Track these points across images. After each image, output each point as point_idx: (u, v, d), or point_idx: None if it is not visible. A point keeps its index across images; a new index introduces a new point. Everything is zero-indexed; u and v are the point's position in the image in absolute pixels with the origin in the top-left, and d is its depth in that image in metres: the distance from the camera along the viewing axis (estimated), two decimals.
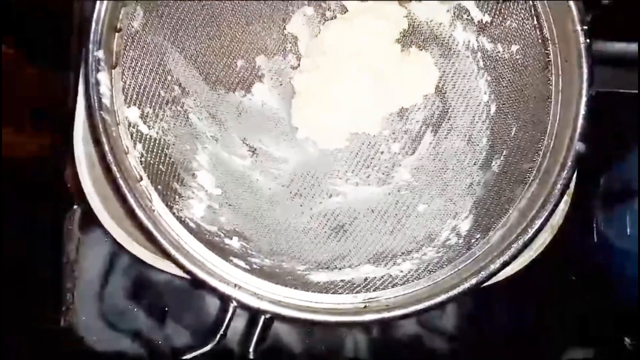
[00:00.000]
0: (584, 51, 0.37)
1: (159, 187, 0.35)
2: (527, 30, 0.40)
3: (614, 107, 0.47)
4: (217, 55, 0.43)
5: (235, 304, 0.33)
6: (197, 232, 0.36)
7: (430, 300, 0.36)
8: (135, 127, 0.35)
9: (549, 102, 0.38)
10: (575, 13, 0.37)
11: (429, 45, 0.45)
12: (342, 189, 0.45)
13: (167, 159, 0.38)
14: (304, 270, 0.38)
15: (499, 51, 0.42)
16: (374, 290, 0.37)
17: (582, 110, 0.36)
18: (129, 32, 0.35)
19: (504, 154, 0.41)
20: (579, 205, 0.38)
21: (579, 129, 0.36)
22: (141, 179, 0.34)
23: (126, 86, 0.35)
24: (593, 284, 0.44)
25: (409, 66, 0.45)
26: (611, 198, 0.40)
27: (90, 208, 0.37)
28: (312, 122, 0.45)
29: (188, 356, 0.33)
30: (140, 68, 0.36)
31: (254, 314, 0.34)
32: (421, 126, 0.46)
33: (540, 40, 0.39)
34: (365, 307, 0.36)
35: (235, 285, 0.33)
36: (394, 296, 0.37)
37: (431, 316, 0.51)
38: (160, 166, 0.37)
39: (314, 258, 0.40)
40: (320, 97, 0.44)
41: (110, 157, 0.32)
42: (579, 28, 0.37)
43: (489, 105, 0.43)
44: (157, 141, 0.37)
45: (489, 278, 0.36)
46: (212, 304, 0.49)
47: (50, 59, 0.48)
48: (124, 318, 0.48)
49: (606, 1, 0.37)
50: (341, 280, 0.38)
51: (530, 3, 0.39)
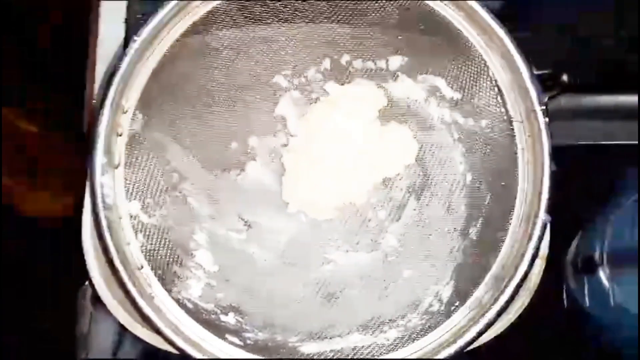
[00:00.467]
0: (544, 129, 0.40)
1: (159, 272, 0.39)
2: (493, 107, 0.43)
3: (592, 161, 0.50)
4: (213, 141, 0.47)
5: None
6: (195, 312, 0.39)
7: None
8: (137, 219, 0.39)
9: (516, 175, 0.41)
10: (533, 94, 0.40)
11: (407, 120, 0.49)
12: (334, 257, 0.48)
13: (167, 243, 0.41)
14: (296, 342, 0.41)
15: (471, 125, 0.45)
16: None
17: (546, 185, 0.39)
18: (130, 134, 0.39)
19: (480, 221, 0.44)
20: (552, 269, 0.41)
21: (543, 202, 0.39)
22: (142, 267, 0.38)
23: (128, 182, 0.39)
24: (569, 346, 0.45)
25: (390, 140, 0.49)
26: (578, 266, 0.42)
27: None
28: (302, 197, 0.48)
29: None
30: (141, 164, 0.40)
31: None
32: (405, 194, 0.49)
33: (505, 117, 0.42)
34: None
35: None
36: None
37: None
38: (161, 251, 0.40)
39: (307, 328, 0.43)
40: (308, 174, 0.48)
41: (112, 251, 0.35)
42: (537, 108, 0.40)
43: (465, 175, 0.46)
44: (158, 228, 0.41)
45: (469, 345, 0.39)
46: None
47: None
48: None
49: (565, 79, 0.41)
50: (331, 351, 0.41)
51: (494, 83, 0.42)
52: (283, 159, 0.49)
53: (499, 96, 0.42)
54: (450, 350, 0.39)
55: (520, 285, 0.39)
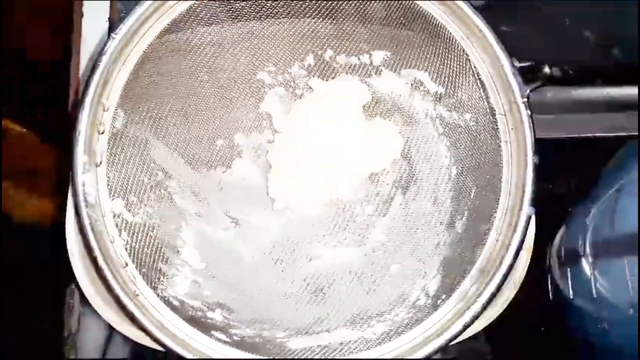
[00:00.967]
0: (526, 121, 0.40)
1: (144, 270, 0.38)
2: (476, 100, 0.43)
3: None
4: (198, 138, 0.47)
5: None
6: (181, 310, 0.39)
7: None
8: (120, 217, 0.39)
9: (500, 168, 0.41)
10: (515, 87, 0.40)
11: (392, 115, 0.49)
12: (321, 252, 0.48)
13: (152, 240, 0.41)
14: (283, 337, 0.41)
15: (455, 119, 0.46)
16: (349, 354, 0.40)
17: (529, 177, 0.39)
18: (111, 132, 0.39)
19: (465, 215, 0.44)
20: (537, 261, 0.41)
21: (527, 195, 0.39)
22: (126, 264, 0.37)
23: (111, 181, 0.39)
24: (555, 337, 0.45)
25: (375, 135, 0.49)
26: (562, 258, 0.42)
27: None
28: (288, 193, 0.48)
29: None
30: (124, 162, 0.40)
31: None
32: (391, 188, 0.49)
33: (488, 110, 0.42)
34: None
35: None
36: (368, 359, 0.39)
37: None
38: (146, 249, 0.40)
39: (294, 324, 0.43)
40: (295, 170, 0.48)
41: (96, 249, 0.35)
42: (519, 100, 0.40)
43: (450, 169, 0.46)
44: (142, 226, 0.41)
45: (455, 338, 0.39)
46: None
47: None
48: None
49: (547, 71, 0.41)
50: (318, 346, 0.41)
51: (476, 77, 0.42)
52: (269, 155, 0.49)
53: (481, 89, 0.42)
54: (437, 343, 0.39)
55: (505, 277, 0.39)
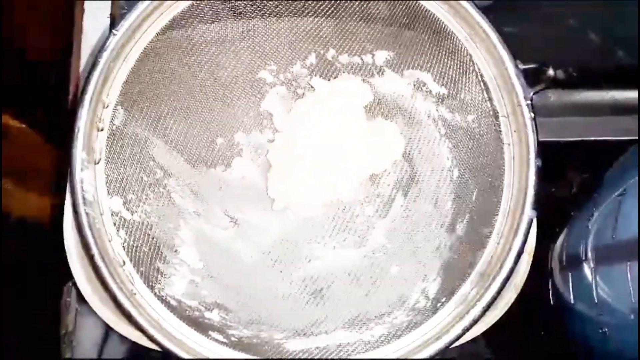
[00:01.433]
0: (529, 124, 0.39)
1: (142, 269, 0.38)
2: (479, 102, 0.43)
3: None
4: (197, 137, 0.47)
5: None
6: (178, 309, 0.38)
7: None
8: (119, 215, 0.39)
9: (503, 170, 0.41)
10: (518, 89, 0.40)
11: (393, 116, 0.48)
12: (321, 254, 0.48)
13: (151, 239, 0.41)
14: (281, 339, 0.41)
15: (457, 120, 0.45)
16: (347, 356, 0.39)
17: (532, 180, 0.39)
18: (111, 129, 0.39)
19: (466, 217, 0.44)
20: (539, 266, 0.40)
21: (529, 198, 0.39)
22: (124, 263, 0.37)
23: (109, 179, 0.38)
24: (555, 342, 0.45)
25: (376, 135, 0.48)
26: (563, 262, 0.42)
27: None
28: (288, 193, 0.48)
29: None
30: (123, 160, 0.40)
31: None
32: (392, 189, 0.49)
33: (491, 112, 0.42)
34: None
35: None
36: None
37: None
38: (144, 248, 0.40)
39: (292, 325, 0.42)
40: (295, 170, 0.48)
41: (93, 247, 0.35)
42: (523, 103, 0.40)
43: (452, 170, 0.46)
44: (140, 224, 0.40)
45: (454, 341, 0.38)
46: None
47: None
48: None
49: (551, 74, 0.40)
50: (316, 348, 0.40)
51: (480, 78, 0.42)
52: (269, 154, 0.49)
53: (485, 91, 0.42)
54: (436, 346, 0.38)
55: (506, 281, 0.39)
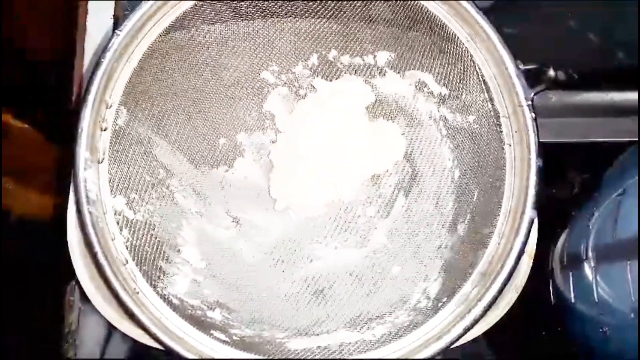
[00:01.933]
0: (530, 124, 0.40)
1: (144, 268, 0.38)
2: (480, 102, 0.43)
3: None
4: (200, 137, 0.47)
5: None
6: (180, 308, 0.38)
7: None
8: (122, 214, 0.39)
9: (504, 171, 0.41)
10: (519, 89, 0.40)
11: (395, 116, 0.49)
12: (322, 254, 0.48)
13: (153, 239, 0.41)
14: (283, 338, 0.41)
15: (458, 121, 0.45)
16: (348, 355, 0.39)
17: (533, 180, 0.39)
18: (114, 129, 0.39)
19: (467, 217, 0.44)
20: (539, 266, 0.40)
21: (530, 198, 0.39)
22: (127, 262, 0.37)
23: (112, 178, 0.38)
24: (557, 342, 0.45)
25: (378, 136, 0.49)
26: (564, 262, 0.42)
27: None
28: (290, 194, 0.48)
29: None
30: (126, 159, 0.40)
31: None
32: (393, 190, 0.49)
33: (492, 113, 0.42)
34: None
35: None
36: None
37: None
38: (146, 247, 0.40)
39: (294, 324, 0.43)
40: (297, 170, 0.48)
41: (96, 246, 0.35)
42: (523, 103, 0.40)
43: (453, 171, 0.46)
44: (143, 223, 0.41)
45: (456, 341, 0.38)
46: None
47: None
48: None
49: (552, 74, 0.40)
50: (317, 347, 0.40)
51: (481, 79, 0.42)
52: (271, 155, 0.49)
53: (486, 91, 0.42)
54: (437, 346, 0.38)
55: (507, 281, 0.39)
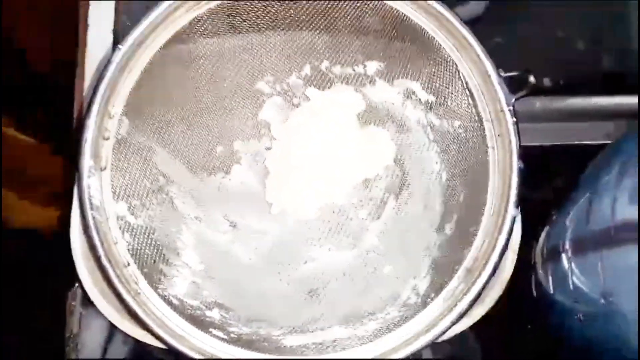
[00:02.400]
0: (511, 128, 0.42)
1: (145, 270, 0.40)
2: (465, 108, 0.45)
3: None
4: (198, 145, 0.49)
5: None
6: (180, 308, 0.40)
7: (393, 354, 0.40)
8: (124, 219, 0.41)
9: (487, 172, 0.43)
10: (501, 96, 0.42)
11: (385, 123, 0.51)
12: (317, 255, 0.50)
13: (154, 243, 0.43)
14: (279, 335, 0.43)
15: (445, 126, 0.48)
16: (342, 350, 0.41)
17: (515, 181, 0.41)
18: (116, 139, 0.41)
19: (454, 217, 0.46)
20: (523, 263, 0.43)
21: (512, 197, 0.41)
22: (129, 264, 0.39)
23: (115, 185, 0.41)
24: (540, 336, 0.47)
25: (369, 142, 0.51)
26: (544, 256, 0.44)
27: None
28: (285, 198, 0.50)
29: None
30: (128, 167, 0.42)
31: None
32: (384, 193, 0.51)
33: (476, 118, 0.45)
34: None
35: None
36: (360, 355, 0.41)
37: None
38: (147, 250, 0.42)
39: (290, 322, 0.44)
40: (291, 176, 0.50)
41: (99, 249, 0.37)
42: (505, 108, 0.42)
43: (441, 174, 0.48)
44: (144, 228, 0.42)
45: (442, 334, 0.40)
46: None
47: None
48: None
49: (532, 81, 0.43)
50: (312, 343, 0.42)
51: (465, 86, 0.45)
52: (267, 162, 0.51)
53: (470, 98, 0.44)
54: (426, 338, 0.40)
55: (491, 276, 0.41)
